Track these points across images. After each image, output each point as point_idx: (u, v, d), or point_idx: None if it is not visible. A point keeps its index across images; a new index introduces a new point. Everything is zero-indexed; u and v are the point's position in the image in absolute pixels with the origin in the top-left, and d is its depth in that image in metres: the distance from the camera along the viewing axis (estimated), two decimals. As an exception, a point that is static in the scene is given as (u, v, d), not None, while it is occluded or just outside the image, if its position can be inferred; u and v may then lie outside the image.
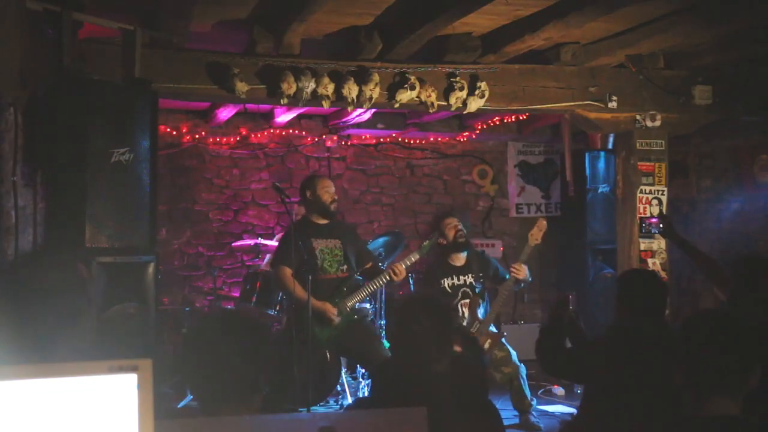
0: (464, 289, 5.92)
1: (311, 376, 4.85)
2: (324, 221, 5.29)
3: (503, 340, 5.75)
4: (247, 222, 7.75)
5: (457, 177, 8.44)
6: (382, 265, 6.01)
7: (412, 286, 7.12)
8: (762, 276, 3.51)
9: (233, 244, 7.26)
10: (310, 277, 4.81)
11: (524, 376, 5.63)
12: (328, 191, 5.27)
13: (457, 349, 4.91)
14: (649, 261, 6.07)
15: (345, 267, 5.25)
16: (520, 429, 5.57)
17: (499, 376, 5.62)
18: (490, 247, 7.84)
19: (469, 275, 5.95)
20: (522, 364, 5.66)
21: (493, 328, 5.77)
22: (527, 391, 5.64)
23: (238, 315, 3.49)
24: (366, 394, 5.97)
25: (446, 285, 5.92)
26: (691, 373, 2.12)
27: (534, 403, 5.79)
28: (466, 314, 5.76)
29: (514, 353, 5.70)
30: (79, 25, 4.47)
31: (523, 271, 5.58)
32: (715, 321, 2.21)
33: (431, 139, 8.19)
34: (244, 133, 7.65)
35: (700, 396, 2.09)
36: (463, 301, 5.86)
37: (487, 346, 5.55)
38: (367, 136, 7.97)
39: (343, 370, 5.93)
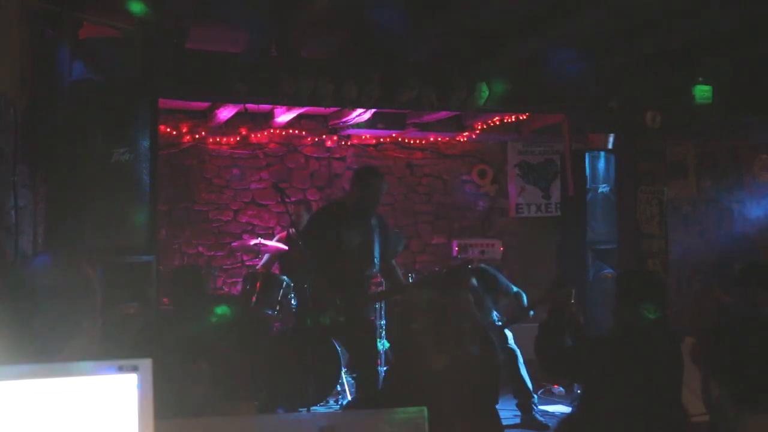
0: None
1: (311, 376, 4.85)
2: None
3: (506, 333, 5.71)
4: (247, 222, 7.75)
5: (457, 177, 8.43)
6: None
7: None
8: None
9: (233, 244, 7.26)
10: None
11: (522, 362, 5.58)
12: None
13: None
14: (649, 261, 6.06)
15: None
16: (523, 429, 5.52)
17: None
18: (489, 247, 7.82)
19: None
20: (518, 348, 5.62)
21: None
22: (527, 379, 5.56)
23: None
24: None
25: None
26: (734, 387, 1.91)
27: (535, 399, 5.74)
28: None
29: (510, 335, 5.65)
30: (79, 25, 4.47)
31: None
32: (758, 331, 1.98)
33: (431, 139, 8.19)
34: (244, 133, 7.64)
35: (744, 411, 1.89)
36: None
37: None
38: (367, 136, 7.96)
39: (343, 370, 5.92)
